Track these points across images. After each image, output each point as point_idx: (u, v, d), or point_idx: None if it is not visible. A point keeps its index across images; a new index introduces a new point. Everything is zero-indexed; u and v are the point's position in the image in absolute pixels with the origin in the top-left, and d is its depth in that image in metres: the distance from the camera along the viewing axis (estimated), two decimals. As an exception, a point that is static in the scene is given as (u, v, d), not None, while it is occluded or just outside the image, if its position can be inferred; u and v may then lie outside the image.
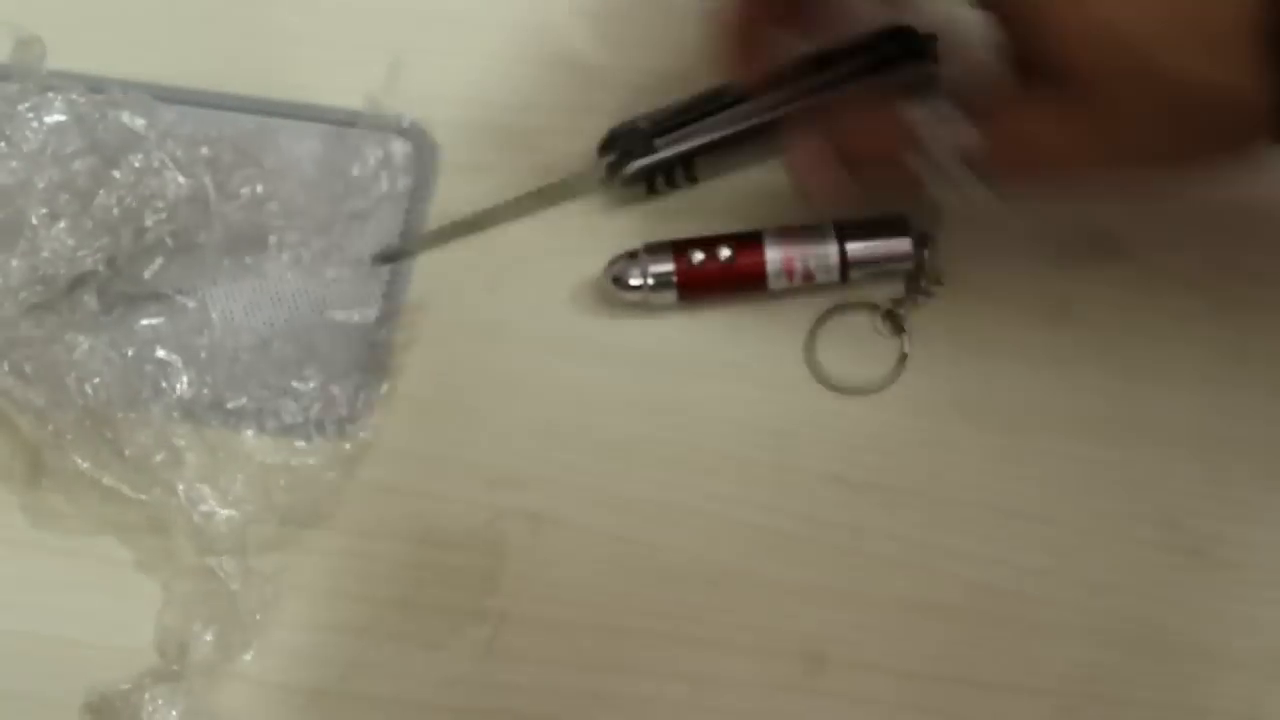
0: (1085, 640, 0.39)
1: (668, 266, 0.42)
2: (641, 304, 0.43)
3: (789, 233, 0.42)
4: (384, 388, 0.43)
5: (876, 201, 0.42)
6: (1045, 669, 0.39)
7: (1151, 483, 0.41)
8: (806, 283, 0.42)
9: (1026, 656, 0.39)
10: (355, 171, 0.45)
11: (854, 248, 0.42)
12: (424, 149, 0.46)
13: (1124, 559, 0.40)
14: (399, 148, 0.46)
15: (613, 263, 0.43)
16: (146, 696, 0.38)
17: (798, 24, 0.42)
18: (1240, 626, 0.39)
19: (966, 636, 0.40)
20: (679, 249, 0.43)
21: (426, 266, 0.45)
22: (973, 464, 0.41)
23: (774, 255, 0.42)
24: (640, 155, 0.44)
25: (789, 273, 0.42)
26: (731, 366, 0.43)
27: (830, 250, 0.42)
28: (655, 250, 0.43)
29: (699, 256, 0.42)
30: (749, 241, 0.42)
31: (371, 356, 0.43)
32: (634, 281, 0.42)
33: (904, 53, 0.44)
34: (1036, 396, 0.42)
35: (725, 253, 0.42)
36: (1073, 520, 0.41)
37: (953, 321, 0.43)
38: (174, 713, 0.38)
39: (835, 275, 0.42)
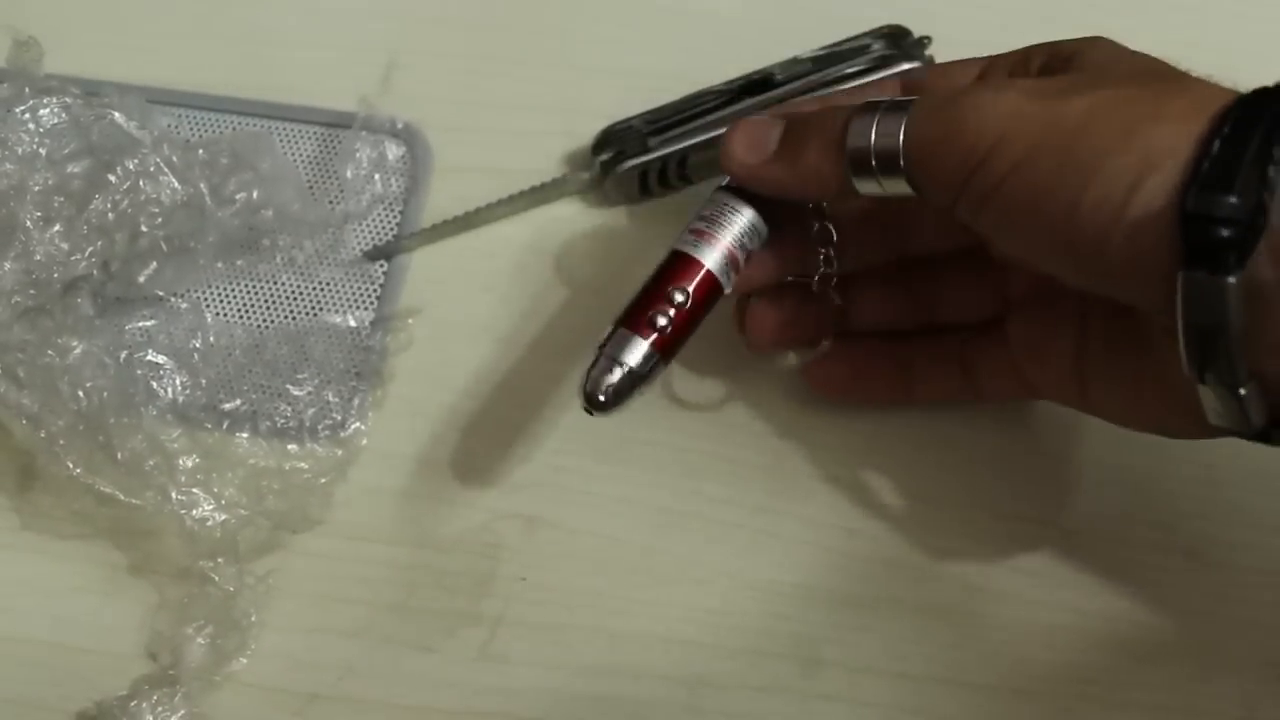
0: (1080, 642, 0.39)
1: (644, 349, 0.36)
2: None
3: (702, 232, 0.37)
4: (378, 391, 0.43)
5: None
6: (1040, 671, 0.39)
7: (1146, 484, 0.41)
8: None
9: (1022, 659, 0.39)
10: (349, 173, 0.46)
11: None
12: (417, 151, 0.46)
13: (1119, 561, 0.40)
14: (392, 149, 0.46)
15: (587, 379, 0.36)
16: (143, 704, 0.38)
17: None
18: (1235, 629, 0.39)
19: (962, 639, 0.39)
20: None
21: (420, 269, 0.45)
22: (967, 465, 0.41)
23: (714, 260, 0.37)
24: (634, 155, 0.44)
25: (734, 266, 0.37)
26: (728, 369, 0.43)
27: (747, 214, 0.37)
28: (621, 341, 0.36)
29: (662, 322, 0.36)
30: (682, 263, 0.37)
31: (365, 359, 0.43)
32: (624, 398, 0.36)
33: (898, 53, 0.44)
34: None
35: (678, 298, 0.36)
36: (1068, 522, 0.40)
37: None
38: (173, 718, 0.38)
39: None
